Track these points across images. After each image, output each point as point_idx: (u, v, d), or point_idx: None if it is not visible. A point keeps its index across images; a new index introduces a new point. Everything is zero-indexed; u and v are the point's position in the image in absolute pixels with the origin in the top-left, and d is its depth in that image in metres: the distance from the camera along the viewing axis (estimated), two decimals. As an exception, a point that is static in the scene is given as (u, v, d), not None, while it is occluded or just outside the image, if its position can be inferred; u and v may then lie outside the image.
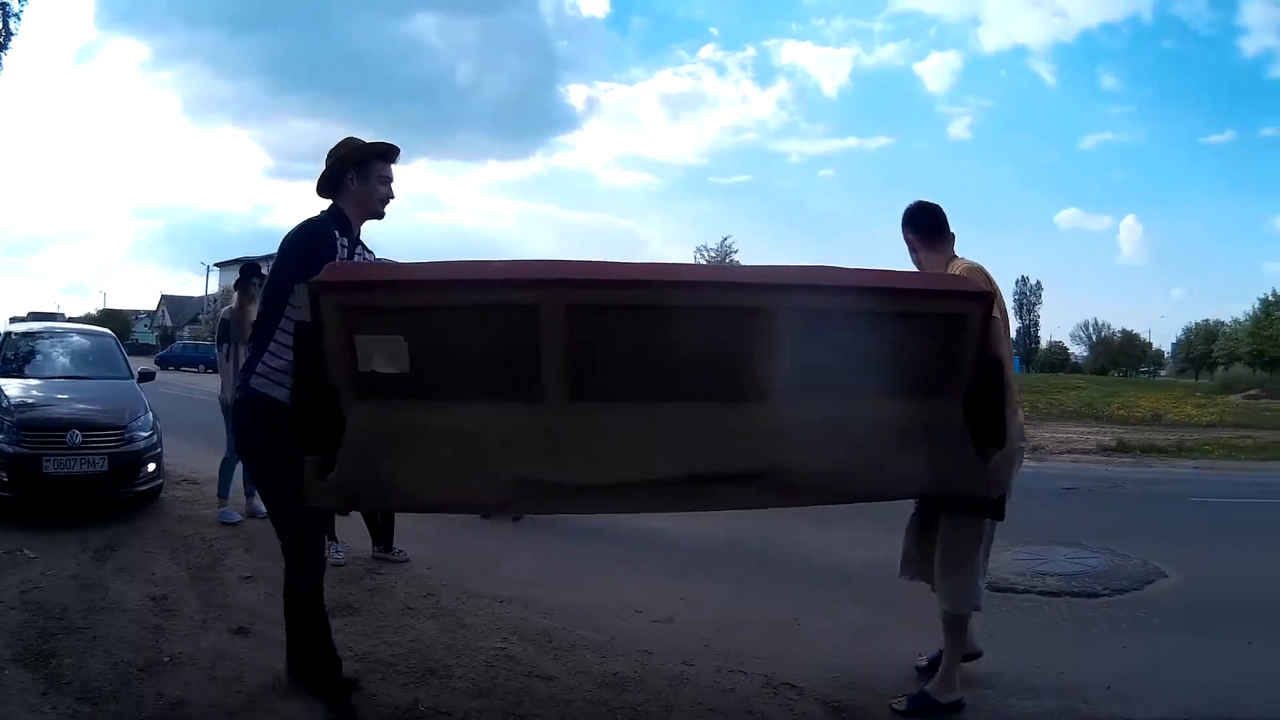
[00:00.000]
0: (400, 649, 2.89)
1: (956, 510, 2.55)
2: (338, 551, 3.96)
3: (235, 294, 5.05)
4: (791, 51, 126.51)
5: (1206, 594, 4.03)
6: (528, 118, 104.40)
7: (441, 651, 2.90)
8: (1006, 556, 4.48)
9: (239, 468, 4.56)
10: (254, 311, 4.99)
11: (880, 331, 2.23)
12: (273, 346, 2.38)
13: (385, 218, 2.64)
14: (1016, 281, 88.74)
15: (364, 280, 2.24)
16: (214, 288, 50.05)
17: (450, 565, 4.10)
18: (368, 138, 2.59)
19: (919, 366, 2.33)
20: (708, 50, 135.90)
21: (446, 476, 2.20)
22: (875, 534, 5.16)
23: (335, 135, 3.22)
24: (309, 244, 2.40)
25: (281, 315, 2.34)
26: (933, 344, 2.35)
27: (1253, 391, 29.50)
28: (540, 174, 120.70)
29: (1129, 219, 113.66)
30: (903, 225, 2.86)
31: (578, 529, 4.79)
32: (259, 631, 2.99)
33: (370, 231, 2.67)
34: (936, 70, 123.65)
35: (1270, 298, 46.31)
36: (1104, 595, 3.93)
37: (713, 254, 44.55)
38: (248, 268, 5.18)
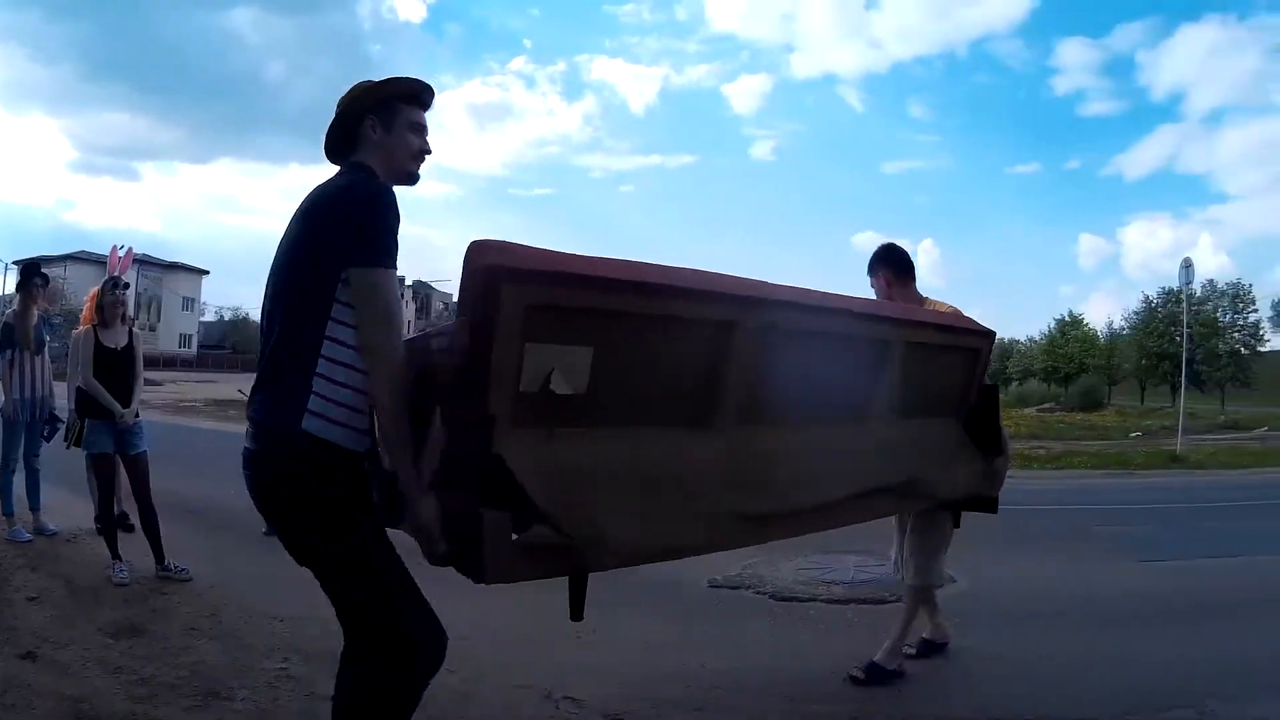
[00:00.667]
0: (184, 671, 2.84)
1: (944, 508, 2.98)
2: (121, 571, 3.88)
3: (17, 296, 4.75)
4: (602, 68, 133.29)
5: (994, 598, 4.18)
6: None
7: (224, 672, 2.85)
8: (789, 566, 4.71)
9: (16, 479, 4.36)
10: (36, 314, 4.75)
11: (945, 362, 2.79)
12: (324, 368, 1.65)
13: (418, 182, 1.90)
14: None
15: (557, 271, 1.64)
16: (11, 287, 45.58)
17: (232, 583, 4.02)
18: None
19: (956, 390, 2.90)
20: (519, 62, 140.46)
21: (660, 521, 1.84)
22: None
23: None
24: (392, 215, 1.68)
25: (328, 323, 1.64)
26: (965, 372, 2.90)
27: (1046, 405, 32.36)
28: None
29: (927, 242, 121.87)
30: (876, 264, 3.17)
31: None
32: (46, 655, 2.89)
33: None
34: (745, 93, 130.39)
35: (1066, 318, 49.53)
36: (892, 602, 3.87)
37: None
38: (28, 268, 4.89)
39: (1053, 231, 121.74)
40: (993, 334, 3.02)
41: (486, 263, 1.54)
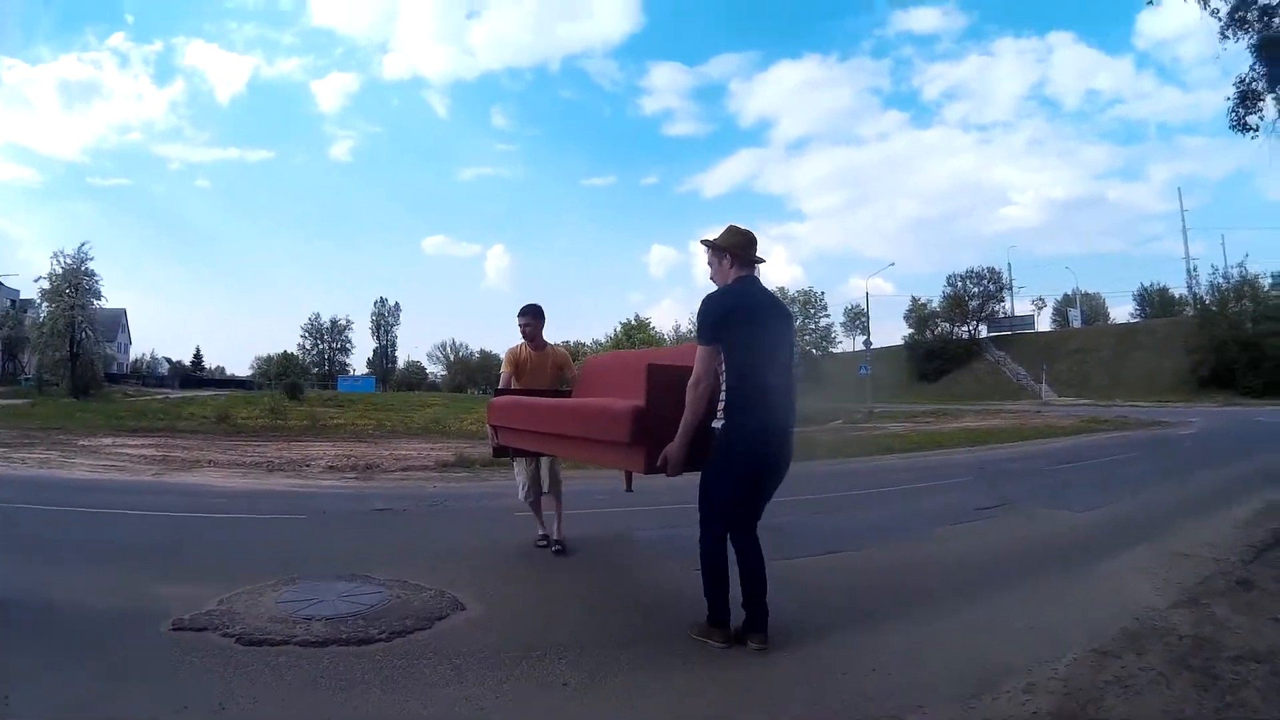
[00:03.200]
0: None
1: None
2: None
3: None
4: (197, 52, 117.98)
5: (511, 626, 3.87)
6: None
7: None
8: (270, 599, 4.13)
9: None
10: None
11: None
12: None
13: None
14: (375, 303, 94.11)
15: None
16: None
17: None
18: None
19: None
20: (118, 38, 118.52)
21: None
22: (109, 576, 4.22)
23: None
24: None
25: None
26: None
27: None
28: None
29: (498, 248, 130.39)
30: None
31: None
32: None
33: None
34: (332, 90, 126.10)
35: (632, 321, 54.40)
36: (379, 640, 3.53)
37: (69, 260, 37.91)
38: None
39: (625, 241, 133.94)
40: None
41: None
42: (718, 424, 3.51)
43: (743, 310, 3.56)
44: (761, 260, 3.78)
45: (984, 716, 2.92)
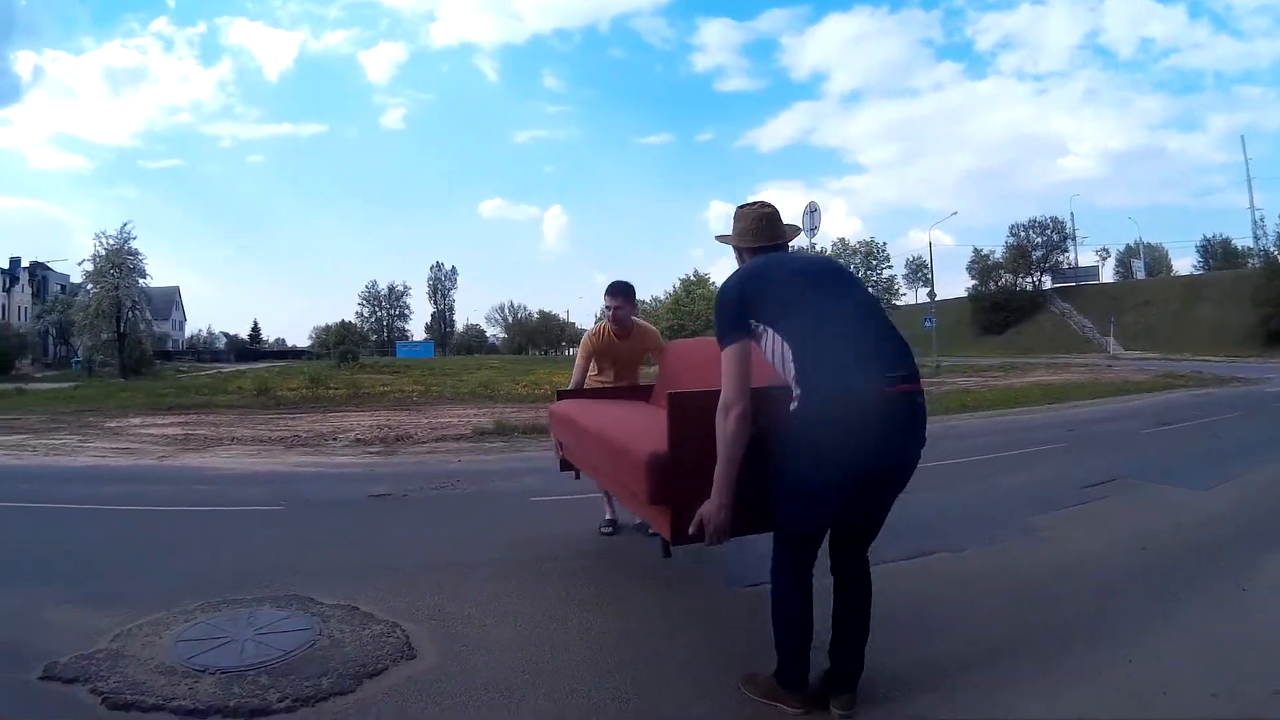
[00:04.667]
0: None
1: None
2: None
3: None
4: (242, 30, 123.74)
5: (472, 691, 2.72)
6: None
7: None
8: (171, 636, 3.20)
9: None
10: None
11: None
12: None
13: None
14: (431, 267, 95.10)
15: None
16: None
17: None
18: None
19: None
20: (160, 23, 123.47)
21: None
22: None
23: None
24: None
25: None
26: None
27: None
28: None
29: (555, 209, 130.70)
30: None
31: None
32: None
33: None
34: (381, 60, 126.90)
35: (691, 278, 53.31)
36: (277, 711, 2.53)
37: (112, 240, 37.82)
38: None
39: (682, 198, 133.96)
40: None
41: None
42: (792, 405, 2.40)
43: (763, 278, 2.55)
44: (789, 235, 2.82)
45: None
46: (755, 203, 2.79)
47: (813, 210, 13.86)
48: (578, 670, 2.92)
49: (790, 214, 2.89)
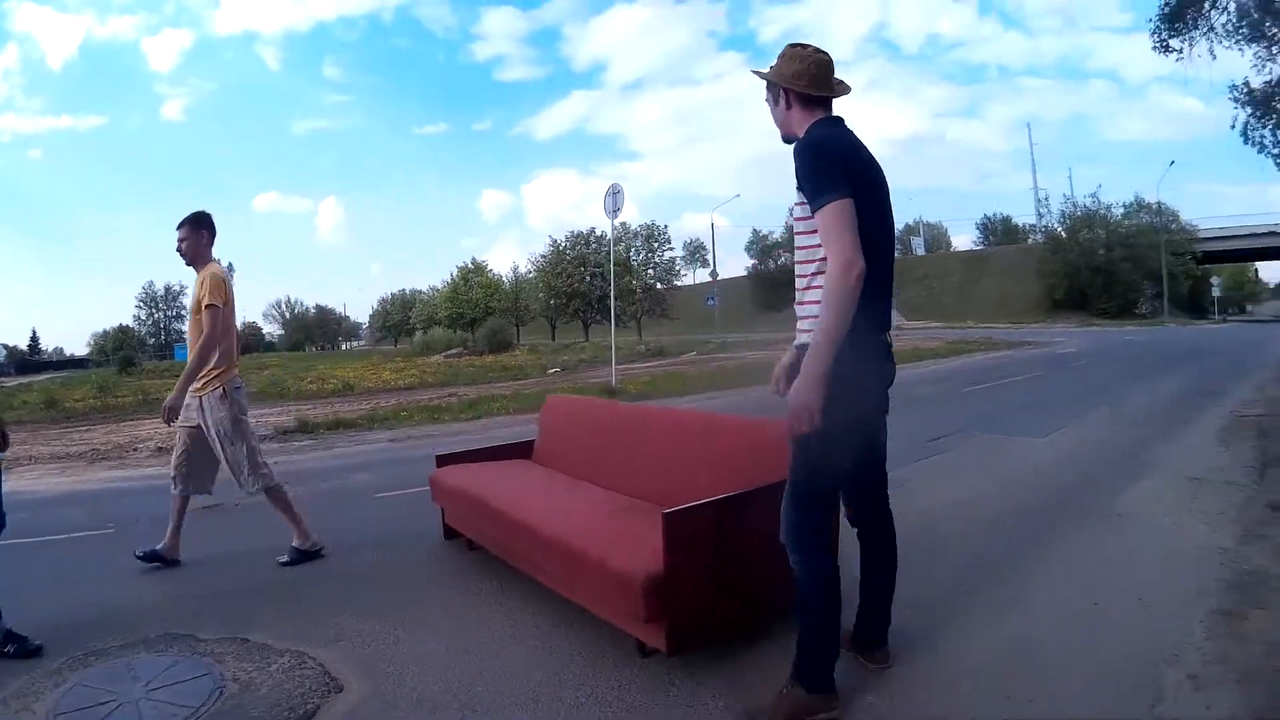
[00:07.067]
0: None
1: None
2: None
3: None
4: (29, 15, 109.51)
5: (432, 702, 2.43)
6: None
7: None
8: (45, 708, 2.54)
9: None
10: None
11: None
12: None
13: None
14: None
15: None
16: None
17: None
18: None
19: None
20: None
21: None
22: None
23: None
24: None
25: None
26: None
27: (453, 351, 33.51)
28: None
29: (330, 200, 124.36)
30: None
31: None
32: None
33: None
34: (165, 48, 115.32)
35: (468, 266, 52.02)
36: None
37: None
38: None
39: (457, 188, 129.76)
40: None
41: None
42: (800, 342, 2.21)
43: (856, 151, 2.24)
44: (841, 91, 2.34)
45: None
46: (810, 45, 2.34)
47: (615, 192, 13.64)
48: (523, 667, 2.67)
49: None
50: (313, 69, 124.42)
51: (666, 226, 46.51)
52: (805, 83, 2.27)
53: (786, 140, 2.34)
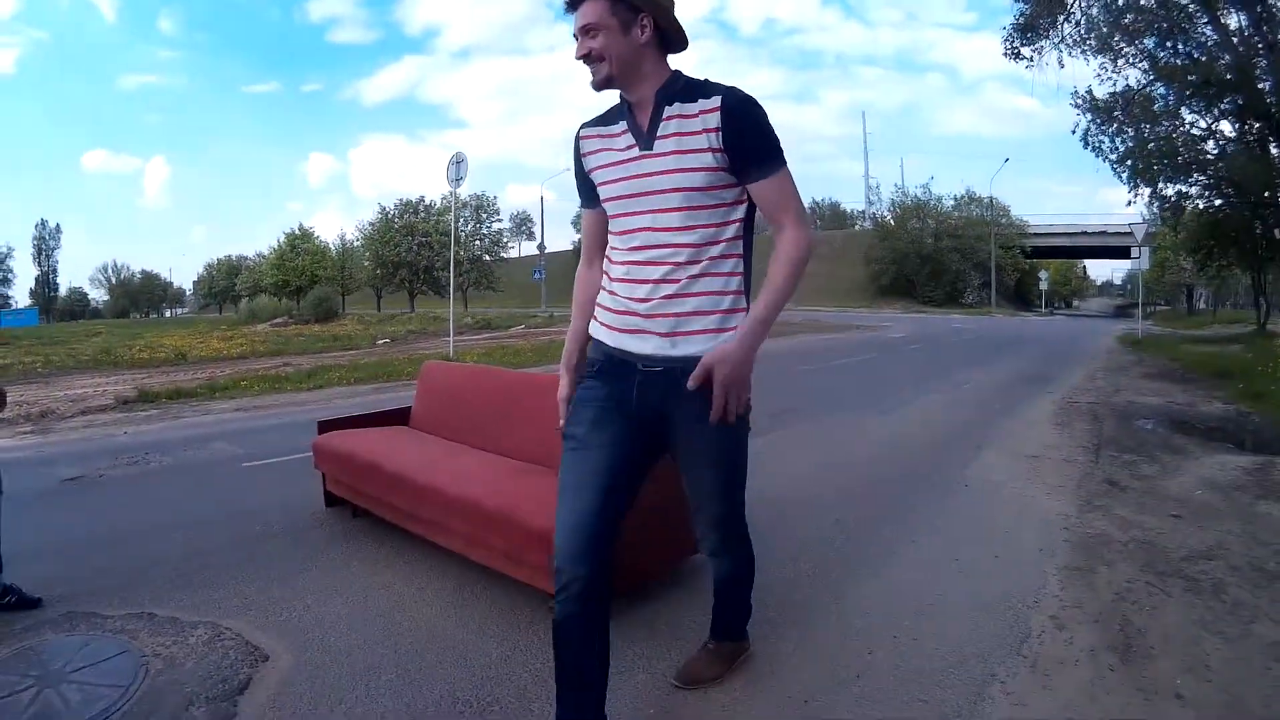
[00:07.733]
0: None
1: None
2: None
3: None
4: None
5: (365, 665, 2.45)
6: None
7: None
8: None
9: None
10: None
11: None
12: None
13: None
14: (36, 225, 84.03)
15: None
16: None
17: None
18: None
19: None
20: None
21: None
22: None
23: None
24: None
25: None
26: None
27: (279, 320, 31.86)
28: None
29: (158, 160, 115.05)
30: None
31: None
32: None
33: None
34: None
35: (295, 231, 49.30)
36: None
37: None
38: None
39: (284, 150, 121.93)
40: None
41: None
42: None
43: None
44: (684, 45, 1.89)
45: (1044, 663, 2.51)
46: None
47: (459, 161, 13.54)
48: (441, 627, 2.76)
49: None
50: (148, 22, 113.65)
51: (496, 197, 45.59)
52: (673, 13, 1.83)
53: (611, 83, 1.82)
